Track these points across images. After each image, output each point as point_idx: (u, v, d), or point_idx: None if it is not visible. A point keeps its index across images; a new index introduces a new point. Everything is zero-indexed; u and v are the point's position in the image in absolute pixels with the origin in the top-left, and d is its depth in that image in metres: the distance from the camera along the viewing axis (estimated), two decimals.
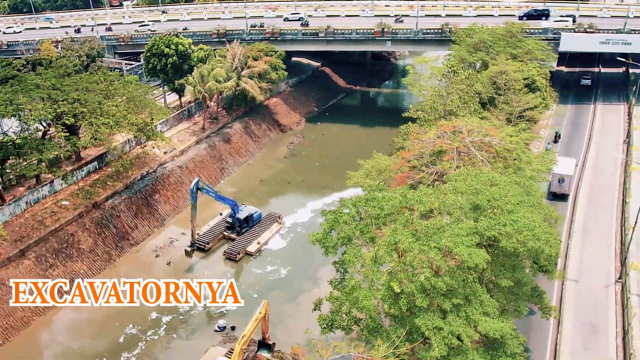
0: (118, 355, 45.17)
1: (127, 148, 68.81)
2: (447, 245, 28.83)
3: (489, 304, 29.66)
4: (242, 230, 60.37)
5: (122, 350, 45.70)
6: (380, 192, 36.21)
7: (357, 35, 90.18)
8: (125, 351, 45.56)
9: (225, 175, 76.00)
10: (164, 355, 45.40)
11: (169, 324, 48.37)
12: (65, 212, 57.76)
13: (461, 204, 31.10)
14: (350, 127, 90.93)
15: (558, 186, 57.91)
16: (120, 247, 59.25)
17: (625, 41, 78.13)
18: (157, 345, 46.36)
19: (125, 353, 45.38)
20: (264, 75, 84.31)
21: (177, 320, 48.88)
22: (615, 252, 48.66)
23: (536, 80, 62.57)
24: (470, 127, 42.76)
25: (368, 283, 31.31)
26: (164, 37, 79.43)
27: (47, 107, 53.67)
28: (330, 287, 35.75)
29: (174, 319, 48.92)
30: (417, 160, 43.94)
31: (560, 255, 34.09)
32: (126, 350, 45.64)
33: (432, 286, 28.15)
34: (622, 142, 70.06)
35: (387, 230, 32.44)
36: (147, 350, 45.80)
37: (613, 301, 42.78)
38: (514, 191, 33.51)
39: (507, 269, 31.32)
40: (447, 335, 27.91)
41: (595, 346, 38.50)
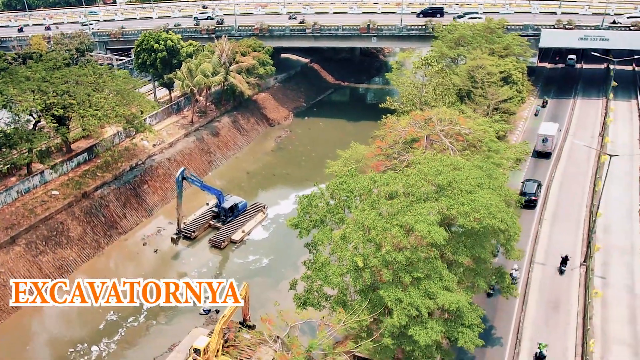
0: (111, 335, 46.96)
1: (117, 140, 70.63)
2: (408, 223, 30.81)
3: (448, 279, 31.66)
4: (227, 219, 62.25)
5: (103, 335, 47.24)
6: (352, 177, 38.20)
7: (344, 31, 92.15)
8: (105, 337, 47.06)
9: (213, 168, 77.89)
10: (145, 339, 46.85)
11: (150, 310, 49.94)
12: (55, 202, 59.52)
13: (423, 184, 33.10)
14: (336, 121, 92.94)
15: (542, 145, 65.61)
16: (109, 236, 61.05)
17: (603, 37, 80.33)
18: (140, 328, 48.04)
19: (105, 339, 46.87)
20: (252, 71, 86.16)
21: (157, 307, 50.40)
22: (582, 238, 50.77)
23: (512, 74, 64.67)
24: (441, 116, 44.79)
25: (337, 260, 33.29)
26: (154, 33, 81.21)
27: (37, 99, 55.51)
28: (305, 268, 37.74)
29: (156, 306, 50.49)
30: (390, 149, 45.97)
31: (518, 235, 36.00)
32: (106, 337, 47.15)
33: (394, 260, 30.14)
34: (598, 134, 72.26)
35: (356, 211, 34.46)
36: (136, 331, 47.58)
37: (577, 283, 44.86)
38: (476, 174, 35.53)
39: (466, 246, 33.34)
40: (407, 306, 29.91)
41: (556, 322, 40.57)
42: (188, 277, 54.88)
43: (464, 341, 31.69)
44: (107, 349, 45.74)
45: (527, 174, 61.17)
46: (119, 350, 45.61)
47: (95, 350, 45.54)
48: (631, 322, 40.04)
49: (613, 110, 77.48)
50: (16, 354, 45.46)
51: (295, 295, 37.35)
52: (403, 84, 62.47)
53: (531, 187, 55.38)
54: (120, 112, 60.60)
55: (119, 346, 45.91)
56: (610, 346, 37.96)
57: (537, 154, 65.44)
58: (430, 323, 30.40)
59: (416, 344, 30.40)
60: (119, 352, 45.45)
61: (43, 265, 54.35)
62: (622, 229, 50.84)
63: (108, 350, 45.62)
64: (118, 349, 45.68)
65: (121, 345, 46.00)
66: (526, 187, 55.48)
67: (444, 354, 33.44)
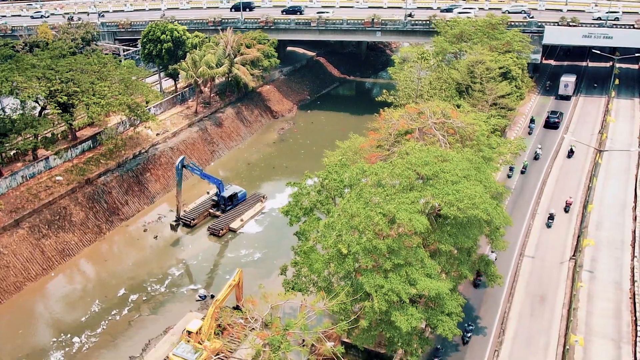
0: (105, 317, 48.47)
1: (121, 129, 71.96)
2: (391, 211, 31.62)
3: (430, 266, 32.44)
4: (226, 208, 63.39)
5: (103, 318, 48.88)
6: (342, 167, 39.08)
7: (348, 25, 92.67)
8: (97, 323, 48.73)
9: (215, 158, 79.05)
10: (142, 323, 48.23)
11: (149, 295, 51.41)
12: (59, 187, 61.00)
13: (409, 174, 33.86)
14: (340, 114, 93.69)
15: (564, 89, 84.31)
16: (110, 222, 62.45)
17: (606, 35, 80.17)
18: (138, 312, 49.51)
19: (103, 321, 48.57)
20: (257, 63, 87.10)
21: (156, 292, 51.92)
22: (574, 233, 51.27)
23: (512, 69, 64.97)
24: (434, 109, 45.41)
25: (322, 247, 34.19)
26: (160, 24, 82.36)
27: (42, 86, 56.89)
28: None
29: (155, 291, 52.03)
30: (384, 141, 46.72)
31: (504, 226, 36.69)
32: (96, 323, 48.79)
33: (374, 247, 30.99)
34: (597, 132, 72.39)
35: (343, 200, 35.37)
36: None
37: (565, 276, 45.43)
38: (463, 166, 36.21)
39: (450, 235, 34.10)
40: (387, 292, 30.75)
41: (541, 314, 41.24)
42: (186, 263, 56.25)
43: (443, 329, 32.48)
44: (110, 329, 47.21)
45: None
46: (121, 330, 47.11)
47: (98, 331, 47.01)
48: (616, 317, 40.56)
49: (614, 109, 77.50)
50: (12, 337, 46.99)
51: (284, 281, 38.43)
52: (400, 78, 63.10)
53: (554, 115, 75.45)
54: (123, 101, 61.75)
55: (120, 327, 47.43)
56: (592, 339, 38.57)
57: (560, 97, 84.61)
58: (410, 309, 31.21)
59: (397, 330, 31.25)
60: (121, 332, 46.95)
61: (45, 248, 55.84)
62: (614, 225, 51.20)
63: (108, 331, 47.07)
64: (120, 329, 47.19)
65: (121, 327, 47.49)
66: (550, 115, 75.69)
67: (423, 342, 34.23)
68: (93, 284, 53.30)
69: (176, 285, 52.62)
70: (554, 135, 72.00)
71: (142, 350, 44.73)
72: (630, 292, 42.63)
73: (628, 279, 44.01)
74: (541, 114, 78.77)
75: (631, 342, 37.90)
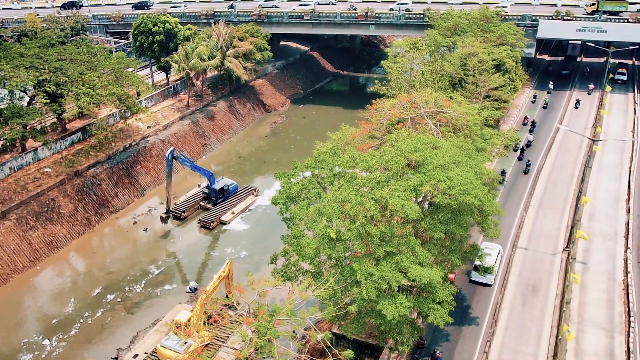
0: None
1: (111, 121, 71.12)
2: (383, 197, 31.08)
3: (421, 254, 31.90)
4: (217, 200, 62.72)
5: (95, 308, 48.20)
6: (332, 155, 38.47)
7: (342, 18, 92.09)
8: (94, 309, 48.03)
9: (207, 151, 78.32)
10: (131, 315, 47.70)
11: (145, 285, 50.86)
12: (47, 179, 60.15)
13: (398, 159, 33.32)
14: (332, 109, 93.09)
15: (571, 50, 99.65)
16: (99, 214, 61.68)
17: (600, 29, 79.91)
18: (127, 304, 48.87)
19: (100, 310, 47.89)
20: (249, 56, 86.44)
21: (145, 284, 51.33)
22: (567, 224, 50.94)
23: (505, 62, 64.58)
24: (426, 99, 44.94)
25: (312, 233, 33.62)
26: (152, 16, 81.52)
27: (30, 75, 56.00)
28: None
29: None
30: (376, 131, 46.20)
31: (495, 214, 36.21)
32: (95, 309, 48.14)
33: (366, 233, 30.45)
34: (591, 125, 72.16)
35: (333, 187, 34.79)
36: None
37: (558, 267, 45.08)
38: (453, 152, 35.72)
39: (441, 222, 33.59)
40: (378, 279, 30.21)
41: (533, 304, 40.85)
42: (175, 256, 55.55)
43: (434, 317, 32.00)
44: (99, 320, 46.64)
45: None
46: (114, 321, 46.56)
47: (86, 320, 46.33)
48: (608, 307, 40.25)
49: (609, 103, 77.34)
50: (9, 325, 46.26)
51: (274, 270, 37.73)
52: (393, 69, 62.59)
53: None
54: (113, 91, 60.92)
55: (112, 319, 46.81)
56: (585, 329, 38.24)
57: (568, 57, 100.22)
58: (399, 298, 30.70)
59: (384, 318, 30.75)
60: (113, 322, 46.42)
61: (33, 240, 55.02)
62: (607, 217, 50.95)
63: (97, 322, 46.42)
64: (112, 320, 46.60)
65: (114, 318, 46.93)
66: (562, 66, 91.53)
67: (414, 330, 33.76)
68: (80, 277, 52.65)
69: (166, 278, 51.92)
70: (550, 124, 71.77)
71: (130, 342, 44.09)
72: (624, 283, 42.38)
73: (621, 270, 43.75)
74: (535, 108, 78.53)
75: (624, 333, 37.61)
